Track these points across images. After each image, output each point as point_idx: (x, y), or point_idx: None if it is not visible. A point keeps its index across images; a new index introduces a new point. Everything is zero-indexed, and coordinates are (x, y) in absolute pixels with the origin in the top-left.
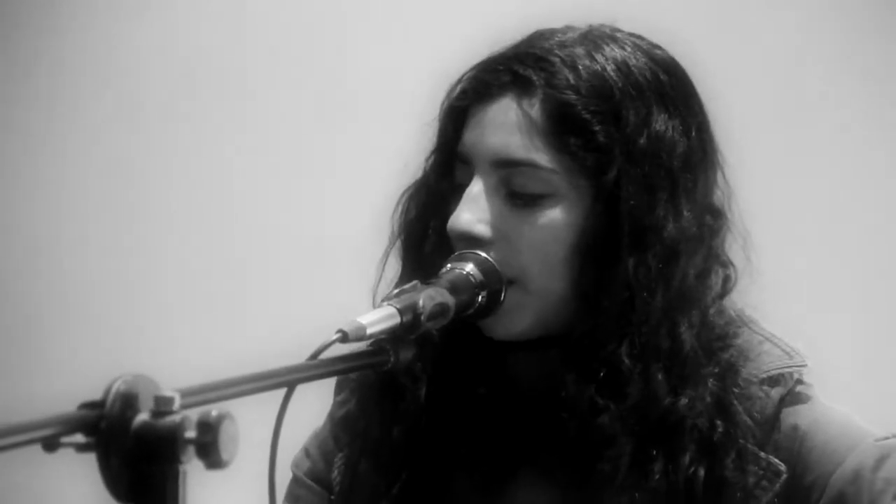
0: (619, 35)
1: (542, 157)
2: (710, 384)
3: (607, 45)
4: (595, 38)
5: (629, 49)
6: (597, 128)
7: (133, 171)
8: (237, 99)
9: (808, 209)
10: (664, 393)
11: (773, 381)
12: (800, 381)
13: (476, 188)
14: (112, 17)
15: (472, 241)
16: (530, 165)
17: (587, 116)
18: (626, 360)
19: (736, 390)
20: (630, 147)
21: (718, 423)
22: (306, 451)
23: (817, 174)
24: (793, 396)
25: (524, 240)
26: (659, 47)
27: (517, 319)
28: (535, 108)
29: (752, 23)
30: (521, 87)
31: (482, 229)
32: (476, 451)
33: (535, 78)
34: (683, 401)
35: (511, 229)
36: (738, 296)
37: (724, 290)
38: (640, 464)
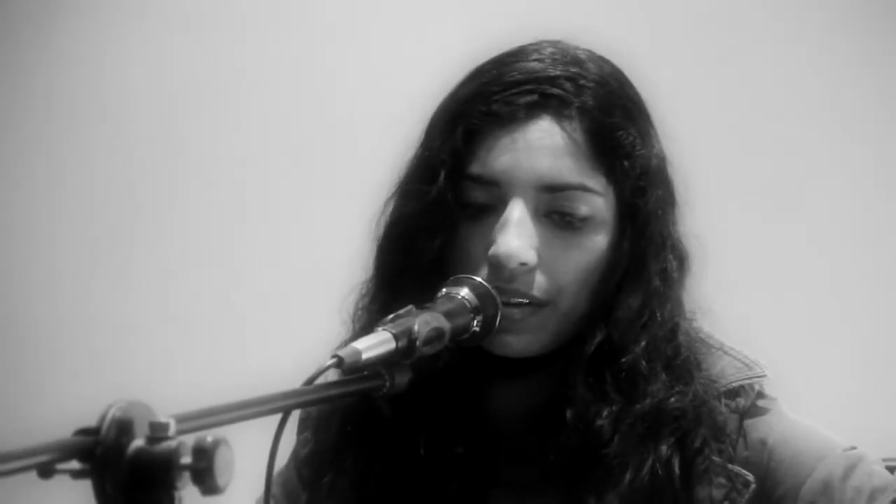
0: (581, 50)
1: (591, 181)
2: (697, 387)
3: (593, 61)
4: (583, 54)
5: (605, 64)
6: (636, 150)
7: (128, 200)
8: (227, 129)
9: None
10: (664, 396)
11: (734, 393)
12: (760, 394)
13: (517, 213)
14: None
15: (520, 266)
16: (581, 189)
17: (624, 138)
18: (644, 364)
19: (712, 399)
20: (652, 165)
21: (699, 427)
22: None
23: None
24: (754, 408)
25: (569, 264)
26: (608, 60)
27: (537, 338)
28: (577, 131)
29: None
30: (556, 108)
31: (531, 255)
32: (453, 479)
33: (572, 99)
34: (676, 404)
35: (557, 254)
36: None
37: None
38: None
